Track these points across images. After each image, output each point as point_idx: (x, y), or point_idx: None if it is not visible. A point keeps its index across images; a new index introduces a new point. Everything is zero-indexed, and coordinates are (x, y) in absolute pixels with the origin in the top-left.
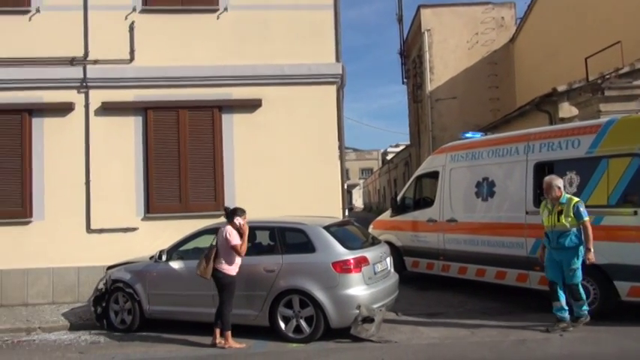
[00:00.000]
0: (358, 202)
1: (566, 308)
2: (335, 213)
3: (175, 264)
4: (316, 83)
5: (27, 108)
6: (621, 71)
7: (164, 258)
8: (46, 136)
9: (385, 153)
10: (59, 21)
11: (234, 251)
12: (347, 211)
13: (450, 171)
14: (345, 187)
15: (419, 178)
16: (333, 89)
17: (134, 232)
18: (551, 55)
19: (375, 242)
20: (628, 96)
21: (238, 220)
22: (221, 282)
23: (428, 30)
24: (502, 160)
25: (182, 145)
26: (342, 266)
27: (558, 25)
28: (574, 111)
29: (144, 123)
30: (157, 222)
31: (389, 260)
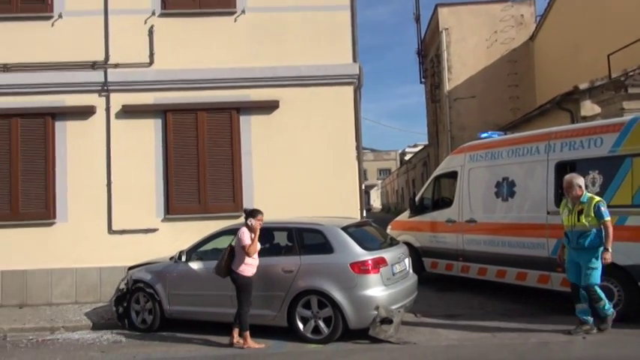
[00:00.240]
0: (376, 203)
1: (589, 311)
2: (353, 214)
3: (195, 264)
4: (333, 84)
5: (50, 112)
6: None
7: (184, 258)
8: (69, 139)
9: (403, 153)
10: (81, 26)
11: (243, 251)
12: (365, 212)
13: (469, 171)
14: (363, 188)
15: (437, 179)
16: (350, 90)
17: (154, 233)
18: (572, 53)
19: (394, 243)
20: None
21: (250, 221)
22: (237, 283)
23: (446, 29)
24: (522, 160)
25: (201, 147)
26: (360, 267)
27: (579, 22)
28: (596, 109)
29: (163, 125)
30: (177, 223)
31: (407, 261)
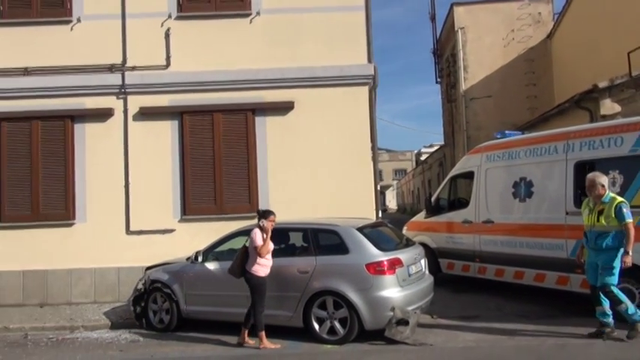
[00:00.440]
0: (392, 204)
1: (609, 313)
2: (368, 214)
3: (211, 265)
4: (348, 85)
5: (69, 114)
6: None
7: (200, 259)
8: (88, 141)
9: (419, 153)
10: (99, 30)
11: (256, 252)
12: (380, 213)
13: (486, 171)
14: (379, 189)
15: (453, 179)
16: (365, 90)
17: (171, 234)
18: (591, 50)
19: (410, 244)
20: None
21: (262, 222)
22: (250, 283)
23: (462, 28)
24: (540, 160)
25: (216, 148)
26: (376, 268)
27: (598, 19)
28: (616, 108)
29: (180, 127)
30: (193, 223)
31: (423, 262)
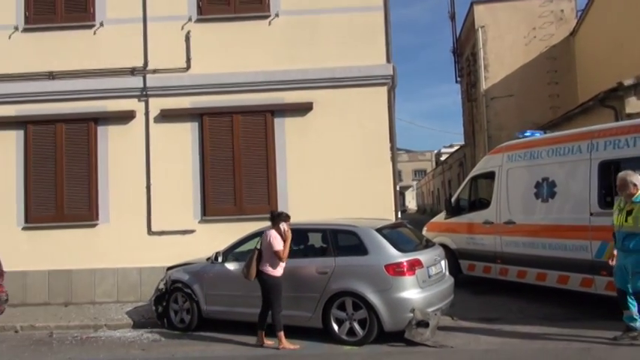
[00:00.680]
0: (411, 204)
1: (637, 317)
2: (388, 215)
3: (231, 265)
4: (367, 85)
5: (93, 117)
6: None
7: (220, 259)
8: (110, 143)
9: (439, 154)
10: (121, 33)
11: (276, 256)
12: (400, 213)
13: (507, 171)
14: (398, 189)
15: (474, 179)
16: (384, 90)
17: (192, 234)
18: (615, 48)
19: (429, 245)
20: None
21: (283, 226)
22: (266, 284)
23: (482, 27)
24: (563, 160)
25: (236, 150)
26: (395, 269)
27: (623, 16)
28: None
29: (200, 128)
30: (213, 224)
31: (443, 263)
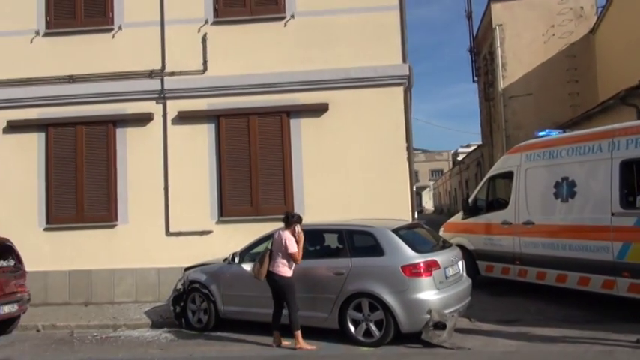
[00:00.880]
0: (428, 205)
1: None
2: (404, 216)
3: (247, 266)
4: (383, 85)
5: (112, 119)
6: None
7: (237, 260)
8: (129, 145)
9: (456, 154)
10: (139, 37)
11: (291, 258)
12: (416, 214)
13: (526, 171)
14: (414, 190)
15: (492, 179)
16: (400, 90)
17: (209, 235)
18: (637, 45)
19: (446, 245)
20: None
21: (298, 228)
22: (278, 284)
23: (499, 25)
24: (583, 159)
25: (252, 150)
26: (412, 270)
27: None
28: None
29: (216, 130)
30: (230, 225)
31: (461, 264)
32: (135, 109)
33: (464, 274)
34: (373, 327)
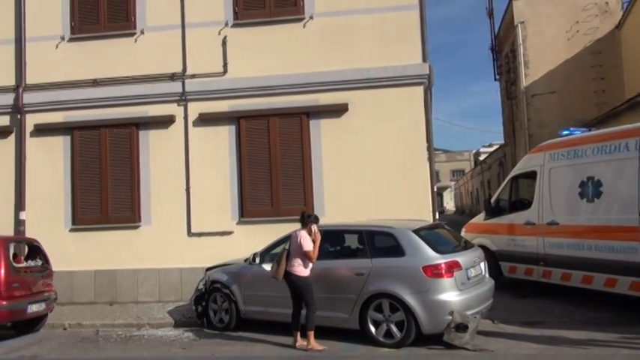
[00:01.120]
0: (449, 205)
1: None
2: (425, 216)
3: (268, 266)
4: (403, 85)
5: (135, 122)
6: None
7: (257, 260)
8: (151, 147)
9: (477, 153)
10: (160, 40)
11: (306, 257)
12: (437, 214)
13: (550, 170)
14: (435, 190)
15: (514, 179)
16: (420, 90)
17: (230, 236)
18: None
19: (468, 246)
20: None
21: (313, 228)
22: (295, 284)
23: (521, 22)
24: (610, 158)
25: (272, 151)
26: (433, 271)
27: None
28: None
29: (237, 131)
30: (251, 226)
31: (483, 265)
32: (157, 112)
33: (486, 276)
34: (394, 328)
